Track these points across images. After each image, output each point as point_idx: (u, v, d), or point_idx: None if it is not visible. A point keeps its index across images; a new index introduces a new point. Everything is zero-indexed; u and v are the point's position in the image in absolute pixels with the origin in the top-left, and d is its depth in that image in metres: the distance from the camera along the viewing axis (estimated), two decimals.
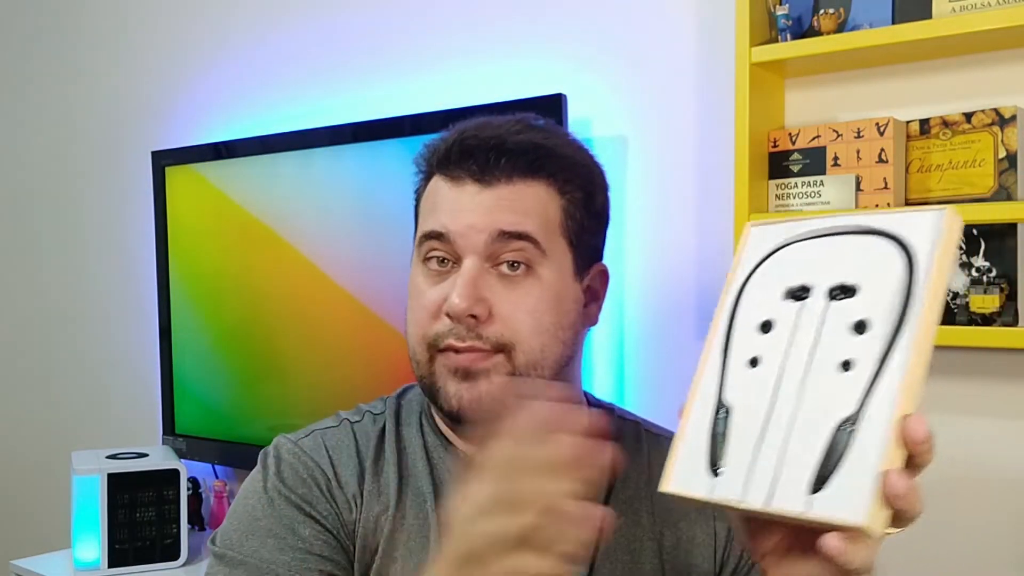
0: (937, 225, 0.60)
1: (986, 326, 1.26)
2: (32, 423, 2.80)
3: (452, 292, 0.82)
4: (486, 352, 0.82)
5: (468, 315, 0.81)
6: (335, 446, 0.90)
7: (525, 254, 0.83)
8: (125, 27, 2.51)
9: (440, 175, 0.87)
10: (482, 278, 0.83)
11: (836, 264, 0.63)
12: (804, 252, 0.65)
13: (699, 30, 1.55)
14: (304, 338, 1.96)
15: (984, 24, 1.20)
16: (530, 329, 0.83)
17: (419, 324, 0.85)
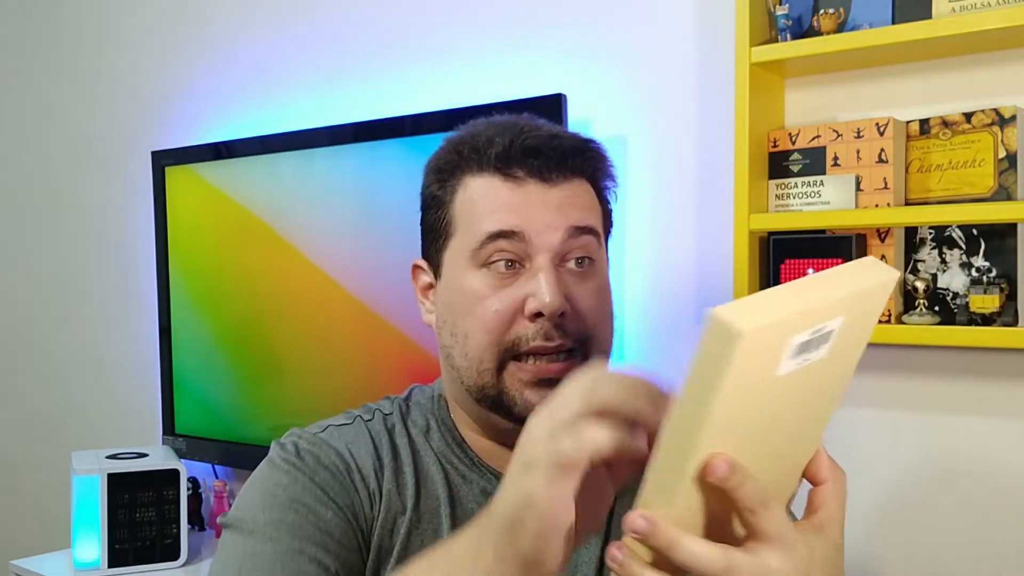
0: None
1: (986, 326, 1.26)
2: (32, 423, 2.80)
3: (540, 291, 0.81)
4: (568, 355, 0.83)
5: (559, 313, 0.81)
6: (353, 440, 0.88)
7: (590, 249, 0.85)
8: (125, 27, 2.51)
9: (493, 175, 0.85)
10: (560, 275, 0.83)
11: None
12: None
13: (699, 30, 1.55)
14: (304, 338, 1.96)
15: (984, 24, 1.20)
16: (603, 320, 0.86)
17: (491, 331, 0.83)
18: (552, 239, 0.83)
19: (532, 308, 0.81)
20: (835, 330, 0.54)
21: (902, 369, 1.39)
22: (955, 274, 1.31)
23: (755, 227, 1.37)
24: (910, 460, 1.38)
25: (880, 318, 1.32)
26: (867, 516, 1.39)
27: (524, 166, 0.84)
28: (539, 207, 0.84)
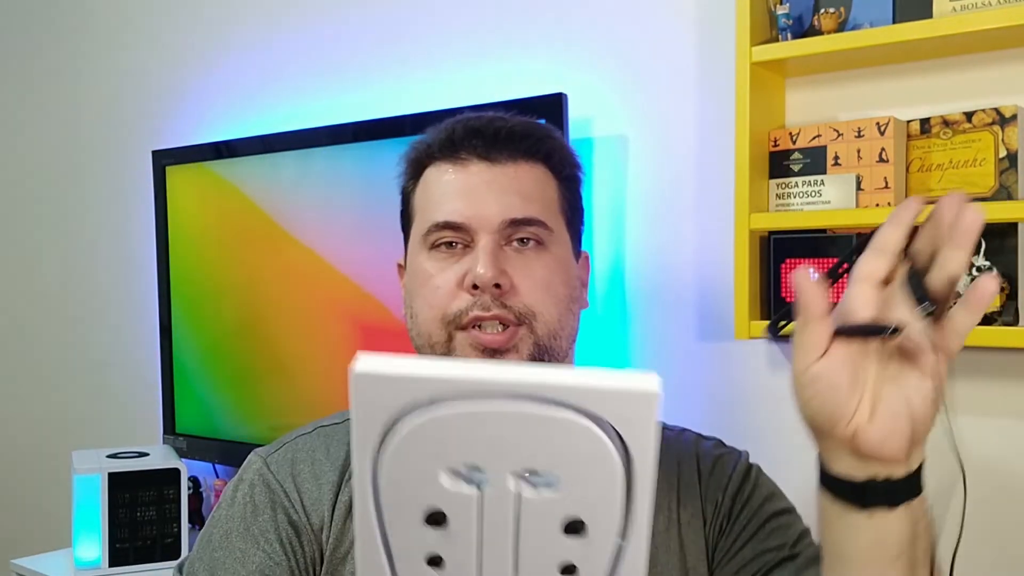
0: (649, 408, 0.46)
1: (986, 326, 1.26)
2: (32, 423, 2.80)
3: (475, 265, 0.84)
4: (511, 326, 0.85)
5: (493, 284, 0.84)
6: (304, 458, 0.92)
7: (535, 233, 0.87)
8: (126, 27, 2.51)
9: (442, 161, 0.89)
10: (500, 252, 0.86)
11: (519, 443, 0.46)
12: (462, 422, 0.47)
13: (699, 30, 1.55)
14: (305, 337, 1.96)
15: (984, 23, 1.20)
16: (549, 299, 0.87)
17: (434, 306, 0.86)
18: (490, 223, 0.86)
19: (469, 280, 0.84)
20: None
21: None
22: None
23: (755, 226, 1.37)
24: None
25: None
26: None
27: (467, 148, 0.88)
28: (483, 189, 0.87)
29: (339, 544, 0.88)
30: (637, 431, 0.46)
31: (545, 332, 0.86)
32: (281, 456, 0.92)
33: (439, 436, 0.46)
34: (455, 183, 0.88)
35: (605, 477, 0.46)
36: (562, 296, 0.88)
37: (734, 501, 0.92)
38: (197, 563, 0.89)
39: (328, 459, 0.91)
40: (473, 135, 0.88)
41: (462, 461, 0.46)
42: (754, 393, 1.49)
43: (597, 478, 0.46)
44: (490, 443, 0.46)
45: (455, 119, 0.91)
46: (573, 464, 0.46)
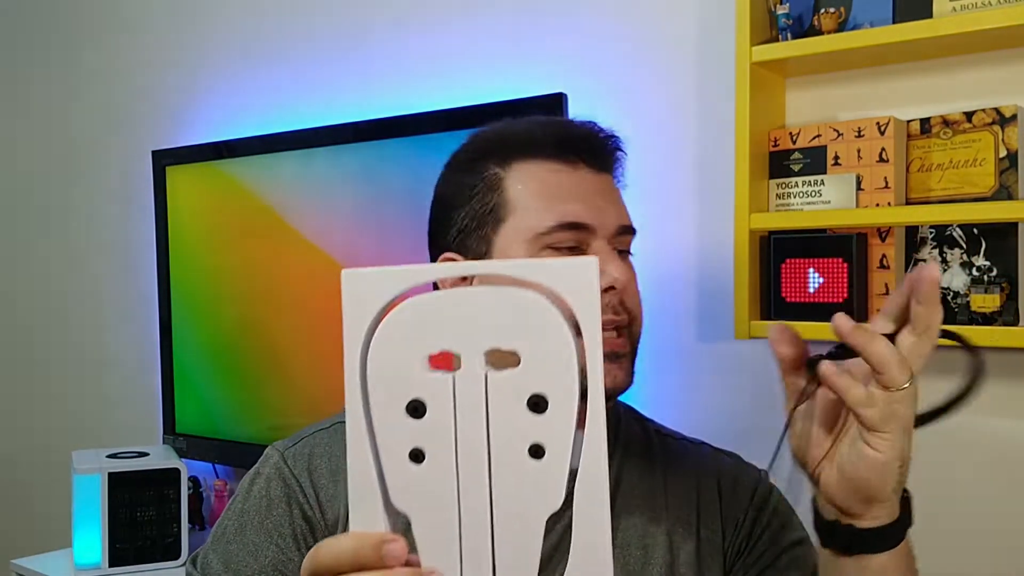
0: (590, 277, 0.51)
1: (986, 326, 1.26)
2: (32, 423, 2.80)
3: (609, 268, 0.85)
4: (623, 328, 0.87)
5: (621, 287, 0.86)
6: (323, 453, 0.92)
7: (629, 242, 0.91)
8: (125, 27, 2.51)
9: (549, 159, 0.88)
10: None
11: (483, 323, 0.52)
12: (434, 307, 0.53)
13: (699, 30, 1.55)
14: (305, 337, 1.96)
15: (984, 23, 1.20)
16: (641, 305, 0.90)
17: None
18: (610, 228, 0.87)
19: (604, 282, 0.85)
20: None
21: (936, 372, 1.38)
22: (956, 273, 1.31)
23: (755, 226, 1.37)
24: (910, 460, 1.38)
25: None
26: None
27: (578, 151, 0.89)
28: (597, 195, 0.88)
29: None
30: (581, 297, 0.51)
31: (637, 334, 0.89)
32: (298, 451, 0.92)
33: (417, 324, 0.53)
34: (569, 184, 0.87)
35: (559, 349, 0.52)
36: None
37: (755, 524, 0.92)
38: (211, 554, 0.90)
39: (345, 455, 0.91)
40: (583, 140, 0.90)
41: (437, 347, 0.53)
42: (754, 393, 1.49)
43: (552, 351, 0.52)
44: (459, 326, 0.53)
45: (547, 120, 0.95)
46: (531, 339, 0.52)
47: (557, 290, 0.51)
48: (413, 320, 0.53)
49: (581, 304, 0.51)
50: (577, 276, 0.51)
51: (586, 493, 0.52)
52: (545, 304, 0.52)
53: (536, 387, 0.52)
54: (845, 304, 1.33)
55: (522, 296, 0.52)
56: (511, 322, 0.52)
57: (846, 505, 0.68)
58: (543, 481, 0.52)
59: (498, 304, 0.52)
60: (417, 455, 0.53)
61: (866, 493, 0.67)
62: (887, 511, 0.69)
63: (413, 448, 0.53)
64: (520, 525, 0.52)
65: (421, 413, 0.53)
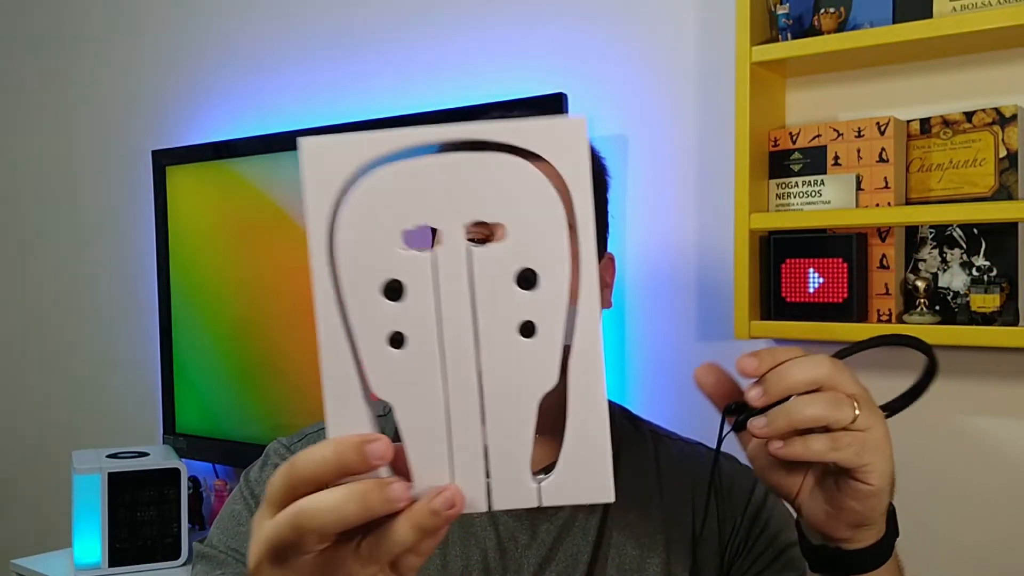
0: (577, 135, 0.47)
1: (986, 326, 1.26)
2: (32, 423, 2.80)
3: None
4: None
5: None
6: None
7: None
8: (125, 26, 2.51)
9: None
10: None
11: (462, 193, 0.47)
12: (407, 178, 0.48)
13: (699, 30, 1.55)
14: (306, 336, 1.96)
15: (984, 23, 1.20)
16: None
17: None
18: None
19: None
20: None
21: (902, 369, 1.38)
22: (956, 273, 1.31)
23: (755, 226, 1.37)
24: (910, 460, 1.38)
25: (881, 317, 1.32)
26: None
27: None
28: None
29: None
30: (570, 161, 0.47)
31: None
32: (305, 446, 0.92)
33: (388, 197, 0.48)
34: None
35: (547, 216, 0.47)
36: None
37: (753, 524, 0.92)
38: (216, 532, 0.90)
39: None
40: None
41: (413, 221, 0.48)
42: None
43: (540, 219, 0.47)
44: (436, 198, 0.47)
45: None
46: (516, 208, 0.48)
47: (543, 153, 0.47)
48: (383, 192, 0.48)
49: (569, 167, 0.47)
50: (564, 136, 0.47)
51: (581, 369, 0.49)
52: (531, 170, 0.47)
53: (525, 261, 0.48)
54: (845, 304, 1.33)
55: (505, 161, 0.47)
56: (495, 191, 0.47)
57: (835, 533, 0.66)
58: (535, 360, 0.48)
59: (479, 171, 0.47)
60: (397, 340, 0.49)
61: (856, 521, 0.65)
62: (875, 530, 0.67)
63: (392, 332, 0.49)
64: (512, 407, 0.49)
65: (399, 295, 0.48)
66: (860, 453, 0.61)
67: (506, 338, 0.48)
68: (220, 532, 0.90)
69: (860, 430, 0.60)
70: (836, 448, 0.60)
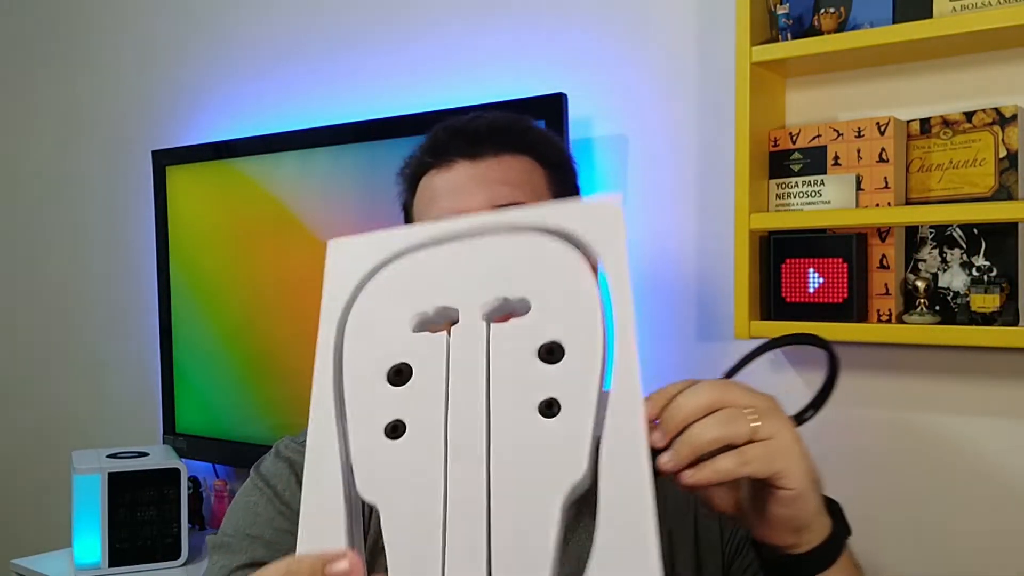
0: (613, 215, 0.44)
1: (986, 326, 1.25)
2: (32, 423, 2.80)
3: None
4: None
5: None
6: None
7: None
8: (125, 26, 2.51)
9: (431, 168, 0.90)
10: None
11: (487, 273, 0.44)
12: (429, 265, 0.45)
13: (699, 30, 1.55)
14: (306, 336, 1.96)
15: (984, 23, 1.20)
16: None
17: None
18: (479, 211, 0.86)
19: None
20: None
21: (902, 369, 1.39)
22: (956, 273, 1.31)
23: (755, 226, 1.37)
24: (910, 460, 1.38)
25: (881, 317, 1.32)
26: (867, 516, 1.39)
27: (451, 149, 0.89)
28: (468, 185, 0.87)
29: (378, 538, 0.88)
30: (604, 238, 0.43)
31: None
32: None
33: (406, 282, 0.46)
34: (443, 185, 0.89)
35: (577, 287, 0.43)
36: None
37: None
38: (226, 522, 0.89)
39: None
40: (454, 136, 0.89)
41: (430, 304, 0.44)
42: None
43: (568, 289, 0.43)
44: (455, 279, 0.44)
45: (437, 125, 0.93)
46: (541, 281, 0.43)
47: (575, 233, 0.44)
48: (402, 279, 0.46)
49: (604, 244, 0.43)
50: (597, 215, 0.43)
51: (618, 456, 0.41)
52: (560, 246, 0.43)
53: (550, 334, 0.43)
54: (845, 304, 1.33)
55: (532, 241, 0.44)
56: (521, 269, 0.44)
57: (780, 541, 0.66)
58: (558, 443, 0.41)
59: (505, 251, 0.44)
60: (396, 429, 0.43)
61: (793, 525, 0.65)
62: (818, 530, 0.67)
63: (392, 421, 0.43)
64: (527, 503, 0.40)
65: (405, 378, 0.44)
66: (770, 462, 0.59)
67: (524, 417, 0.41)
68: (234, 522, 0.89)
69: (765, 439, 0.59)
70: (744, 462, 0.59)
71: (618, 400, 0.42)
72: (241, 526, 0.88)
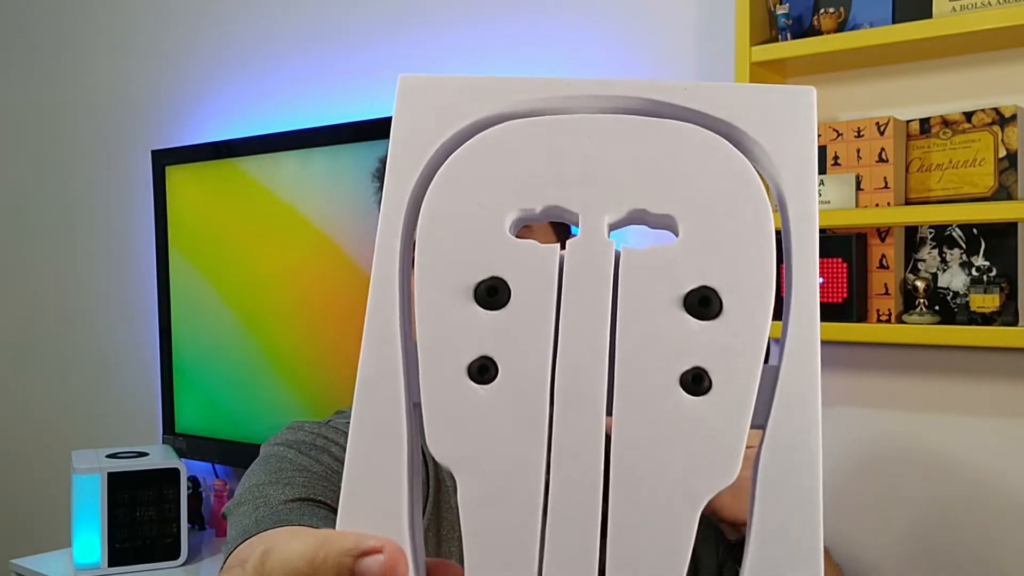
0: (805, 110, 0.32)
1: (986, 325, 1.26)
2: (32, 423, 2.79)
3: None
4: None
5: None
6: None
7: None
8: (125, 26, 2.51)
9: None
10: None
11: (619, 169, 0.31)
12: (540, 140, 0.32)
13: (699, 30, 1.55)
14: (306, 336, 1.96)
15: (984, 24, 1.20)
16: None
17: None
18: None
19: None
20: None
21: (902, 369, 1.39)
22: (955, 273, 1.31)
23: None
24: (910, 459, 1.38)
25: (880, 317, 1.32)
26: (868, 515, 1.39)
27: None
28: None
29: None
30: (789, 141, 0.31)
31: None
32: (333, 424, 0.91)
33: (508, 163, 0.32)
34: None
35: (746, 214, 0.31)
36: None
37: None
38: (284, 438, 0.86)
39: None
40: None
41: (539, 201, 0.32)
42: None
43: (734, 217, 0.31)
44: (579, 172, 0.32)
45: None
46: (699, 198, 0.31)
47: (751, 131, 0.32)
48: (503, 156, 0.32)
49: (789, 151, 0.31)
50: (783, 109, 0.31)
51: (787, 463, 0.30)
52: (727, 148, 0.32)
53: (703, 276, 0.31)
54: (845, 304, 1.33)
55: (694, 134, 0.32)
56: (670, 172, 0.31)
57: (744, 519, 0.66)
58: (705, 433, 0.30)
59: (651, 142, 0.32)
60: (483, 371, 0.31)
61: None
62: None
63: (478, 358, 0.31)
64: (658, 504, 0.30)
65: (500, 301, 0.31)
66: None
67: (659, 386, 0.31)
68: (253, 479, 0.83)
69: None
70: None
71: (793, 383, 0.30)
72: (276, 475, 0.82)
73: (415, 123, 0.34)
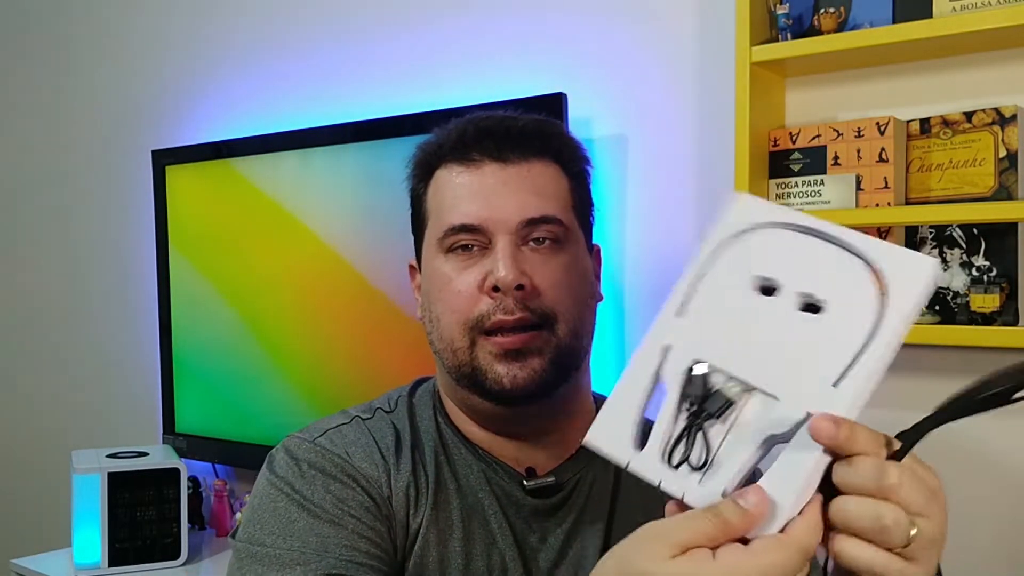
0: (923, 275, 0.56)
1: (986, 325, 1.26)
2: (32, 423, 2.80)
3: (496, 267, 0.83)
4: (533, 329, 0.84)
5: (515, 287, 0.83)
6: (353, 443, 0.88)
7: (551, 231, 0.87)
8: (125, 26, 2.51)
9: (453, 163, 0.88)
10: (519, 252, 0.85)
11: (811, 271, 0.59)
12: (778, 241, 0.61)
13: (699, 30, 1.55)
14: (306, 336, 1.96)
15: (984, 23, 1.20)
16: (569, 298, 0.87)
17: (456, 310, 0.86)
18: (511, 223, 0.85)
19: (490, 283, 0.84)
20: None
21: (902, 369, 1.38)
22: (955, 273, 1.31)
23: None
24: None
25: None
26: None
27: (479, 148, 0.87)
28: (498, 190, 0.86)
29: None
30: (903, 287, 0.55)
31: (566, 332, 0.86)
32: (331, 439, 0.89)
33: (760, 248, 0.60)
34: (469, 185, 0.87)
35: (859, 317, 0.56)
36: (580, 293, 0.89)
37: None
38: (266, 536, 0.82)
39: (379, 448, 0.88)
40: (484, 135, 0.87)
41: (767, 271, 0.59)
42: None
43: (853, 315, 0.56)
44: (791, 264, 0.59)
45: (464, 119, 0.91)
46: (840, 297, 0.57)
47: (883, 272, 0.56)
48: (763, 244, 0.61)
49: (900, 294, 0.55)
50: (907, 268, 0.56)
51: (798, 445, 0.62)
52: (867, 278, 0.56)
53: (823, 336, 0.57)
54: None
55: (851, 263, 0.57)
56: (831, 279, 0.57)
57: None
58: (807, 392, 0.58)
59: (830, 260, 0.58)
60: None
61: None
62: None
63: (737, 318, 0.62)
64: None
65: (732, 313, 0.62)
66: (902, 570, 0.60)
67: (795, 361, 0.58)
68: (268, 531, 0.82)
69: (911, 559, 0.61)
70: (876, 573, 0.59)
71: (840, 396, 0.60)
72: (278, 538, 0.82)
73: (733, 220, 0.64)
